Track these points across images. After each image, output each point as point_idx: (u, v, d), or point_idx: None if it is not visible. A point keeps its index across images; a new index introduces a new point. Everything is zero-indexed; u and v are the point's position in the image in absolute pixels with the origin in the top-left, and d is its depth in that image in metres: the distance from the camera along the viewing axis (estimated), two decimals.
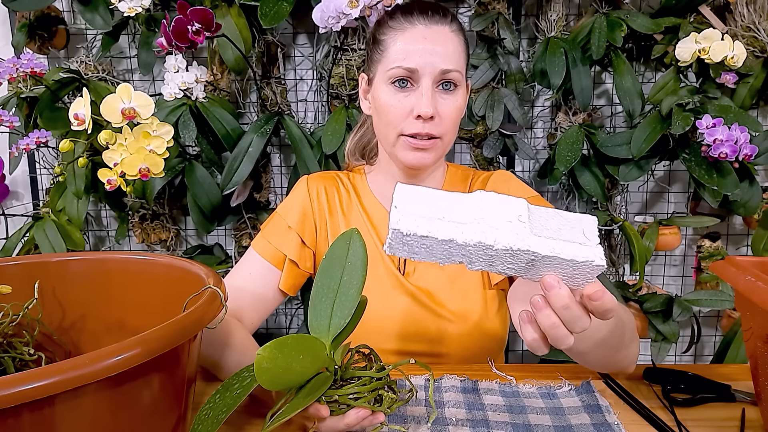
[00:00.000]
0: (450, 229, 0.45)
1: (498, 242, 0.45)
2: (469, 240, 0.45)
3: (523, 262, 0.47)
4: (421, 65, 0.79)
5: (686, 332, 1.59)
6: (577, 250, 0.46)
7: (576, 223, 0.48)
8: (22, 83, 1.35)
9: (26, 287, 0.61)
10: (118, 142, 0.92)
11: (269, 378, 0.48)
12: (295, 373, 0.51)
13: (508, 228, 0.45)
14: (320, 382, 0.53)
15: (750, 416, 0.65)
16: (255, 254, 0.88)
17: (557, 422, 0.63)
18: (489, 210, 0.46)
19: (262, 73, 1.46)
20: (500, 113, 1.39)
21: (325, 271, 0.59)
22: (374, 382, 0.56)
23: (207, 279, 0.56)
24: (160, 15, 1.36)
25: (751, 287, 0.53)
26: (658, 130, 1.28)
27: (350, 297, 0.57)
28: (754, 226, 1.42)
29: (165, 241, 1.54)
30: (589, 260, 0.45)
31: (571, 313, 0.48)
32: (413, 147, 0.81)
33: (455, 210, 0.47)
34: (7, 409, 0.35)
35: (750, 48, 1.33)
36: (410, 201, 0.47)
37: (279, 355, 0.48)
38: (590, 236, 0.47)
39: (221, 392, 0.54)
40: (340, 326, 0.56)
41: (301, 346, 0.51)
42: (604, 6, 1.39)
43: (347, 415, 0.55)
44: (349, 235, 0.60)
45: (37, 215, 1.38)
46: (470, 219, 0.46)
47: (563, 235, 0.47)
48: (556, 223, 0.47)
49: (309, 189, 0.92)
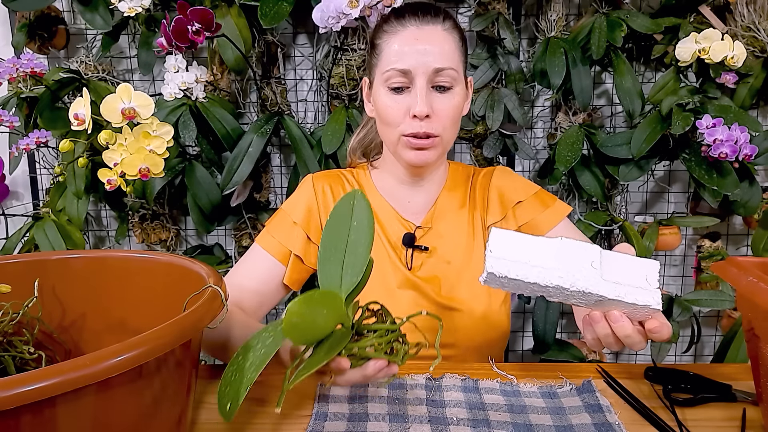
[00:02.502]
0: (534, 274, 0.56)
1: (573, 286, 0.55)
2: (549, 283, 0.56)
3: (593, 301, 0.57)
4: (414, 66, 0.80)
5: (686, 332, 1.59)
6: (638, 294, 0.56)
7: (640, 267, 0.58)
8: (22, 83, 1.35)
9: (26, 286, 0.61)
10: (118, 142, 0.92)
11: (299, 333, 0.50)
12: (319, 327, 0.53)
13: (582, 274, 0.56)
14: (340, 337, 0.55)
15: (751, 416, 0.65)
16: (260, 249, 0.90)
17: (558, 422, 0.63)
18: (568, 255, 0.57)
19: (262, 73, 1.46)
20: (500, 113, 1.39)
21: (331, 232, 0.60)
22: (389, 334, 0.58)
23: (208, 278, 0.56)
24: (160, 15, 1.36)
25: (752, 288, 0.53)
26: (658, 130, 1.28)
27: (360, 255, 0.58)
28: (754, 226, 1.42)
29: (165, 241, 1.54)
30: (648, 305, 0.56)
31: (631, 340, 0.60)
32: (413, 147, 0.83)
33: (540, 254, 0.57)
34: (7, 410, 0.35)
35: (750, 48, 1.33)
36: (502, 245, 0.57)
37: (306, 310, 0.50)
38: (651, 281, 0.57)
39: (242, 354, 0.55)
40: (352, 284, 0.57)
41: (324, 301, 0.53)
42: (604, 6, 1.39)
43: (366, 366, 0.57)
44: (352, 196, 0.61)
45: (37, 215, 1.38)
46: (552, 264, 0.56)
47: (628, 279, 0.57)
48: (623, 267, 0.57)
49: (315, 187, 0.93)
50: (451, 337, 0.87)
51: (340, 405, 0.67)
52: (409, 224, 0.92)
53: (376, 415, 0.65)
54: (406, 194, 0.93)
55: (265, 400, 0.69)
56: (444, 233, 0.91)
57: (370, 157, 1.00)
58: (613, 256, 0.58)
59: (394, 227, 0.91)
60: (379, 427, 0.62)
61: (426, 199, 0.93)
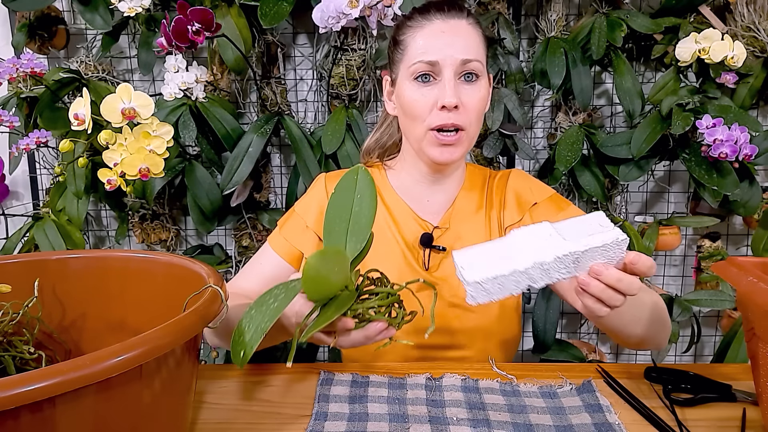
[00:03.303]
0: (510, 264, 0.58)
1: (547, 256, 0.57)
2: (527, 264, 0.57)
3: (571, 263, 0.58)
4: (441, 57, 0.80)
5: (686, 332, 1.58)
6: (602, 236, 0.58)
7: (590, 220, 0.60)
8: (22, 83, 1.35)
9: (26, 285, 0.61)
10: (118, 142, 0.92)
11: (314, 287, 0.54)
12: (331, 284, 0.57)
13: (547, 244, 0.58)
14: (346, 298, 0.59)
15: (751, 416, 0.65)
16: (270, 250, 0.91)
17: (558, 422, 0.63)
18: (526, 239, 0.59)
19: (262, 73, 1.46)
20: (500, 113, 1.39)
21: (336, 203, 0.64)
22: (390, 297, 0.62)
23: (208, 278, 0.56)
24: (160, 15, 1.36)
25: (753, 288, 0.53)
26: (658, 130, 1.28)
27: (363, 225, 0.62)
28: (754, 226, 1.42)
29: (165, 241, 1.54)
30: (616, 238, 0.57)
31: (625, 283, 0.58)
32: (440, 143, 0.82)
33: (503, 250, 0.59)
34: (7, 410, 0.35)
35: (750, 48, 1.33)
36: (468, 260, 0.59)
37: (322, 265, 0.54)
38: (605, 224, 0.59)
39: (256, 307, 0.58)
40: (356, 250, 0.61)
41: (337, 259, 0.57)
42: (604, 6, 1.39)
43: (368, 328, 0.60)
44: (355, 171, 0.65)
45: (37, 215, 1.38)
46: (518, 251, 0.58)
47: (586, 231, 0.59)
48: (576, 226, 0.60)
49: (327, 188, 0.93)
50: (465, 338, 0.88)
51: (340, 405, 0.67)
52: (427, 224, 0.91)
53: (376, 415, 0.65)
54: (424, 193, 0.92)
55: (266, 400, 0.69)
56: (462, 233, 0.90)
57: (384, 158, 0.99)
58: (562, 223, 0.60)
59: (411, 227, 0.91)
60: (379, 427, 0.62)
61: (445, 199, 0.92)
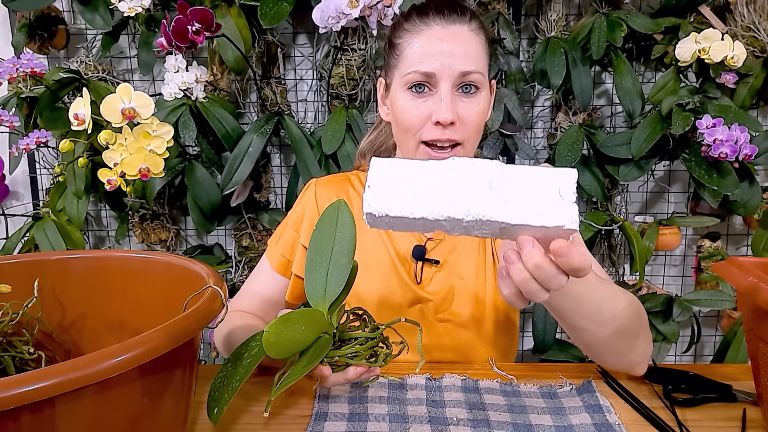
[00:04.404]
0: (421, 207, 0.45)
1: (468, 215, 0.45)
2: (439, 216, 0.45)
3: (497, 229, 0.46)
4: (438, 69, 0.74)
5: (686, 332, 1.58)
6: (549, 213, 0.44)
7: (553, 179, 0.45)
8: (22, 83, 1.35)
9: (26, 286, 0.61)
10: (118, 142, 0.92)
11: (276, 350, 0.54)
12: (298, 342, 0.56)
13: (478, 198, 0.45)
14: (321, 346, 0.58)
15: (751, 416, 0.65)
16: (268, 267, 0.89)
17: (558, 422, 0.63)
18: (462, 177, 0.46)
19: (262, 73, 1.46)
20: (500, 113, 1.39)
21: (317, 241, 0.63)
22: (369, 341, 0.62)
23: (207, 278, 0.56)
24: (160, 15, 1.36)
25: (753, 288, 0.53)
26: (658, 130, 1.28)
27: (342, 265, 0.61)
28: (754, 226, 1.42)
29: (165, 241, 1.54)
30: (559, 225, 0.44)
31: (544, 272, 0.47)
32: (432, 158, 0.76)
33: (428, 181, 0.46)
34: (7, 410, 0.35)
35: (750, 48, 1.33)
36: (383, 177, 0.47)
37: (283, 329, 0.54)
38: (566, 194, 0.45)
39: (232, 362, 0.58)
40: (335, 293, 0.61)
41: (303, 319, 0.56)
42: (604, 6, 1.39)
43: (347, 372, 0.61)
44: (337, 206, 0.63)
45: (37, 215, 1.38)
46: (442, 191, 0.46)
47: (536, 197, 0.45)
48: (531, 183, 0.45)
49: (317, 196, 0.89)
50: (460, 354, 0.84)
51: (340, 405, 0.67)
52: (420, 236, 0.86)
53: (376, 415, 0.65)
54: None
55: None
56: (457, 244, 0.85)
57: None
58: (517, 170, 0.46)
59: (404, 238, 0.86)
60: (379, 427, 0.62)
61: None
